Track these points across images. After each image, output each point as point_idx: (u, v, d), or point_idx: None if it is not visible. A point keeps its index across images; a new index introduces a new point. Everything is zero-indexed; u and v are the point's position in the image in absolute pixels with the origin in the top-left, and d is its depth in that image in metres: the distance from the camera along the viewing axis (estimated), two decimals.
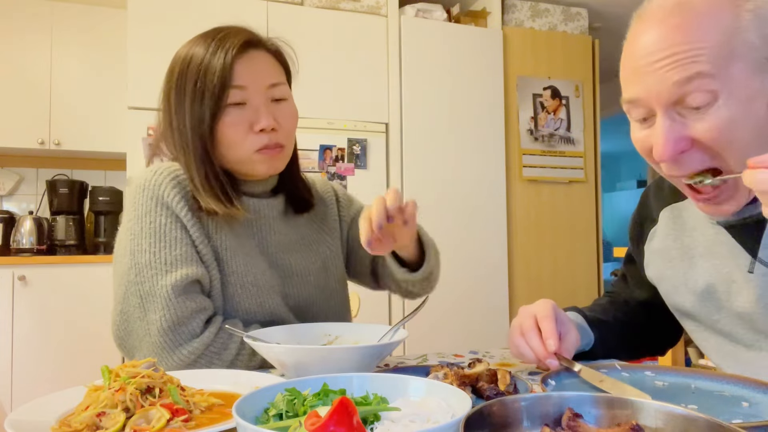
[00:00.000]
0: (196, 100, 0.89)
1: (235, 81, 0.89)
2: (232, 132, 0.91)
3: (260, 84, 0.92)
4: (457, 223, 3.24)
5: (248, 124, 0.91)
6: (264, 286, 0.95)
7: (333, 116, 3.03)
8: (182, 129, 0.92)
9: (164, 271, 0.86)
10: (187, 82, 0.90)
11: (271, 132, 0.92)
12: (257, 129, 0.91)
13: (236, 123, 0.91)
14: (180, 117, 0.92)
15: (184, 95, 0.91)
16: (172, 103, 0.93)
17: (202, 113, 0.89)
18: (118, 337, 0.92)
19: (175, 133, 0.93)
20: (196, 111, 0.90)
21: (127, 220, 0.92)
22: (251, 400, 0.51)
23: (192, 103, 0.90)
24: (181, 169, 0.94)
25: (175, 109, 0.93)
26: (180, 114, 0.92)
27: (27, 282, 2.80)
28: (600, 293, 3.64)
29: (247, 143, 0.91)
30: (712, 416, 0.43)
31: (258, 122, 0.91)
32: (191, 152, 0.91)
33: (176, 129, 0.93)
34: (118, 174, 3.50)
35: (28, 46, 3.12)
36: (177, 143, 0.93)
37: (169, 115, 0.94)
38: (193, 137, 0.91)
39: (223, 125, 0.90)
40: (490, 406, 0.47)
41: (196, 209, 0.92)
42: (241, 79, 0.90)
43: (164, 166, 0.94)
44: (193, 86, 0.89)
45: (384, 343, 0.72)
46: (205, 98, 0.89)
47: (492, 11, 3.50)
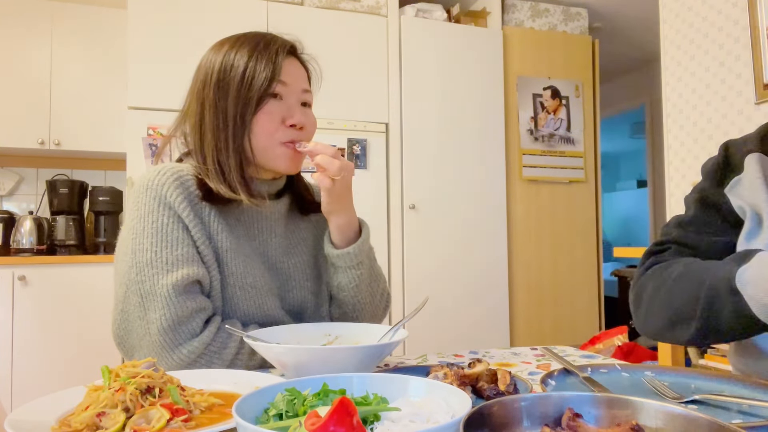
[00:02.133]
0: (243, 87, 0.93)
1: (281, 76, 0.95)
2: (267, 120, 0.94)
3: (298, 85, 0.98)
4: (457, 223, 3.25)
5: (281, 117, 0.95)
6: (262, 289, 0.96)
7: (333, 116, 3.04)
8: (222, 113, 0.94)
9: (165, 270, 0.86)
10: (233, 72, 0.94)
11: (299, 130, 0.97)
12: (289, 123, 0.95)
13: (272, 112, 0.95)
14: (221, 104, 0.94)
15: (229, 85, 0.94)
16: (210, 94, 0.95)
17: (248, 98, 0.93)
18: (117, 336, 0.92)
19: (212, 119, 0.94)
20: (242, 97, 0.93)
21: (130, 219, 0.92)
22: (251, 400, 0.51)
23: (238, 91, 0.93)
24: (185, 169, 0.95)
25: (214, 100, 0.94)
26: (222, 102, 0.94)
27: (27, 282, 2.80)
28: (600, 293, 3.64)
29: (277, 134, 0.95)
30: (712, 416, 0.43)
31: (291, 117, 0.95)
32: (230, 135, 0.93)
33: (213, 116, 0.94)
34: (118, 174, 3.50)
35: (28, 46, 3.12)
36: (211, 129, 0.94)
37: (202, 105, 0.96)
38: (235, 122, 0.93)
39: (261, 113, 0.94)
40: (490, 406, 0.47)
41: (199, 210, 0.93)
42: (285, 76, 0.96)
43: (167, 167, 0.94)
44: (242, 75, 0.93)
45: (384, 343, 0.72)
46: (253, 86, 0.93)
47: (492, 11, 3.50)
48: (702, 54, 2.58)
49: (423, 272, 3.15)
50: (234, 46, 0.97)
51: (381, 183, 3.13)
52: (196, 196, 0.93)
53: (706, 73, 2.56)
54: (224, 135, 0.93)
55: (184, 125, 1.00)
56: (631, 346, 2.94)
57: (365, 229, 1.03)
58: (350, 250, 0.99)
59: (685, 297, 0.81)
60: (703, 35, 2.57)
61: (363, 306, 1.05)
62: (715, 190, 0.92)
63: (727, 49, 2.45)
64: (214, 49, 0.99)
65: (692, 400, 0.63)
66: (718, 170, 0.93)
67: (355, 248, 0.99)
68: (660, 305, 0.86)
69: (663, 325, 0.86)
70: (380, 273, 1.10)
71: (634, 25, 4.05)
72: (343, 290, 1.03)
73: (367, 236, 1.02)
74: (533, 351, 0.98)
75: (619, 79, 5.40)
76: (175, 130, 1.02)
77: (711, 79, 2.53)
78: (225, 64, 0.95)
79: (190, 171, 0.95)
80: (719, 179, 0.92)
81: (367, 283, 1.04)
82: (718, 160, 0.94)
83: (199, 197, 0.93)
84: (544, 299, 3.46)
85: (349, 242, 1.01)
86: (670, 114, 2.75)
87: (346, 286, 1.02)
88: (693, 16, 2.62)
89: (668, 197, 2.76)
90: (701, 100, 2.58)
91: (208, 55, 0.99)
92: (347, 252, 0.99)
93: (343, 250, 1.00)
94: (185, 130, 1.00)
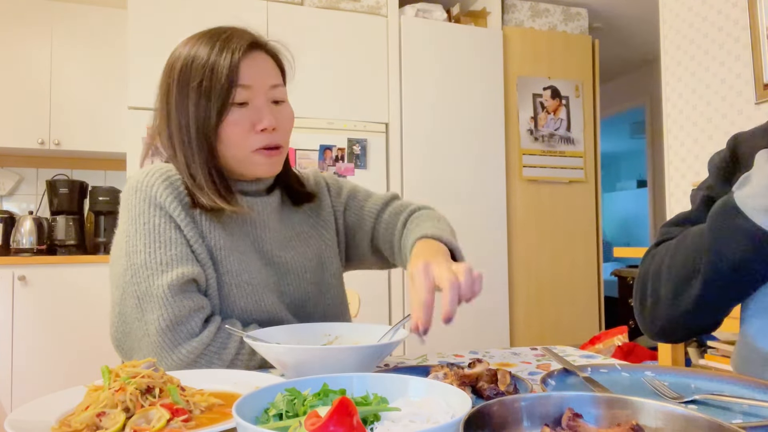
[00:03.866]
0: (201, 97, 0.90)
1: (241, 80, 0.90)
2: (234, 131, 0.91)
3: (263, 84, 0.93)
4: (457, 223, 3.22)
5: (250, 124, 0.92)
6: (259, 285, 0.95)
7: (333, 116, 3.04)
8: (185, 127, 0.92)
9: (160, 271, 0.86)
10: (192, 79, 0.90)
11: (272, 132, 0.93)
12: (259, 128, 0.92)
13: (239, 122, 0.91)
14: (182, 115, 0.92)
15: (188, 93, 0.91)
16: (173, 100, 0.93)
17: (208, 111, 0.90)
18: (116, 339, 0.92)
19: (176, 130, 0.93)
20: (201, 109, 0.90)
21: (122, 222, 0.92)
22: (251, 400, 0.51)
23: (198, 101, 0.90)
24: (174, 169, 0.94)
25: (176, 107, 0.92)
26: (182, 112, 0.92)
27: (27, 282, 2.80)
28: (600, 293, 3.64)
29: (248, 142, 0.92)
30: (712, 416, 0.43)
31: (260, 122, 0.92)
32: (195, 150, 0.91)
33: (177, 127, 0.93)
34: (118, 174, 3.50)
35: (28, 46, 3.12)
36: (178, 141, 0.93)
37: (168, 112, 0.94)
38: (198, 135, 0.91)
39: (226, 124, 0.91)
40: (490, 406, 0.47)
41: (190, 209, 0.92)
42: (247, 79, 0.91)
43: (156, 168, 0.94)
44: (198, 84, 0.90)
45: (384, 343, 0.72)
46: (211, 96, 0.89)
47: (492, 11, 3.50)
48: (702, 54, 2.58)
49: None
50: (194, 47, 0.93)
51: (381, 183, 3.13)
52: (186, 195, 0.92)
53: (706, 73, 2.56)
54: (190, 151, 0.91)
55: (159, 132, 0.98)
56: (631, 346, 2.94)
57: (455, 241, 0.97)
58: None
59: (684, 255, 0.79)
60: (703, 35, 2.57)
61: None
62: (721, 189, 0.88)
63: (727, 49, 2.45)
64: (178, 48, 0.95)
65: (692, 400, 0.63)
66: (725, 166, 0.90)
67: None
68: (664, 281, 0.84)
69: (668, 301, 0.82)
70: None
71: (634, 25, 4.05)
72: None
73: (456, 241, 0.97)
74: (533, 351, 0.98)
75: (619, 79, 5.40)
76: (153, 136, 1.00)
77: (711, 79, 2.53)
78: (184, 69, 0.91)
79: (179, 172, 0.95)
80: (726, 176, 0.89)
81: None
82: (725, 155, 0.90)
83: (188, 200, 0.92)
84: (544, 299, 3.46)
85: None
86: (670, 114, 2.75)
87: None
88: (693, 16, 2.62)
89: (668, 197, 2.76)
90: (701, 100, 2.58)
91: (171, 56, 0.95)
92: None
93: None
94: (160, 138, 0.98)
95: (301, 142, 2.96)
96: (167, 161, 1.00)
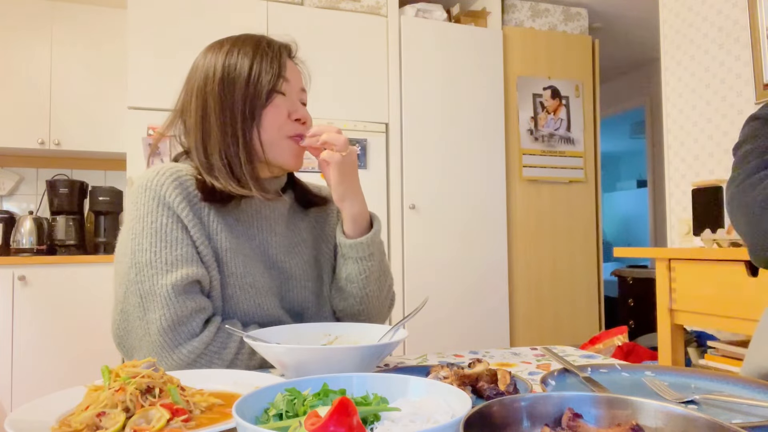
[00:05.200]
0: (251, 83, 0.95)
1: (285, 73, 0.98)
2: (275, 114, 0.96)
3: (298, 84, 1.02)
4: (457, 223, 3.24)
5: (287, 112, 0.98)
6: (262, 288, 0.96)
7: (333, 116, 3.04)
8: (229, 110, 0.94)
9: (165, 270, 0.86)
10: (239, 70, 0.95)
11: (303, 125, 0.99)
12: (294, 117, 0.98)
13: (280, 106, 0.97)
14: (227, 101, 0.94)
15: (235, 82, 0.95)
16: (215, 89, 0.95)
17: (258, 92, 0.95)
18: (117, 336, 0.92)
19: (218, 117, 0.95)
20: (251, 92, 0.94)
21: (129, 219, 0.92)
22: (251, 400, 0.51)
23: (246, 86, 0.94)
24: (184, 170, 0.95)
25: (220, 96, 0.95)
26: (228, 99, 0.94)
27: (27, 282, 2.80)
28: (600, 293, 3.64)
29: (284, 128, 0.97)
30: (712, 416, 0.43)
31: (296, 112, 0.99)
32: (239, 129, 0.94)
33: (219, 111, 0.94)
34: (118, 174, 3.50)
35: (28, 46, 3.12)
36: (218, 123, 0.94)
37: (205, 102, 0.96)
38: (244, 117, 0.94)
39: (271, 107, 0.96)
40: (490, 406, 0.47)
41: (198, 210, 0.93)
42: (289, 74, 0.99)
43: (166, 167, 0.94)
44: (248, 74, 0.95)
45: (384, 343, 0.72)
46: (260, 81, 0.95)
47: (492, 11, 3.50)
48: (702, 54, 2.58)
49: (423, 272, 3.15)
50: (235, 45, 0.98)
51: (381, 183, 3.13)
52: (195, 196, 0.93)
53: (706, 73, 2.56)
54: (232, 130, 0.94)
55: (179, 124, 1.00)
56: (631, 346, 2.94)
57: (377, 222, 1.04)
58: (363, 240, 1.00)
59: None
60: (703, 35, 2.57)
61: (370, 300, 1.05)
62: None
63: (727, 49, 2.45)
64: (213, 49, 0.99)
65: (692, 400, 0.63)
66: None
67: (367, 239, 1.00)
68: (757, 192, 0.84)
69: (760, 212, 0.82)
70: (389, 269, 1.10)
71: (634, 25, 4.05)
72: (352, 282, 1.03)
73: (378, 228, 1.03)
74: (533, 351, 0.98)
75: (619, 79, 5.40)
76: (167, 128, 1.02)
77: (711, 79, 2.53)
78: (229, 62, 0.96)
79: (189, 171, 0.95)
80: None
81: (376, 276, 1.04)
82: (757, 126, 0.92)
83: (198, 198, 0.93)
84: (544, 299, 3.46)
85: (362, 233, 1.02)
86: (670, 114, 2.75)
87: (356, 278, 1.02)
88: (693, 16, 2.62)
89: (668, 197, 2.76)
90: (701, 100, 2.58)
91: (207, 55, 0.99)
92: (360, 242, 1.00)
93: (355, 239, 1.00)
94: (180, 130, 1.00)
95: None
96: (175, 160, 1.01)
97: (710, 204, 2.03)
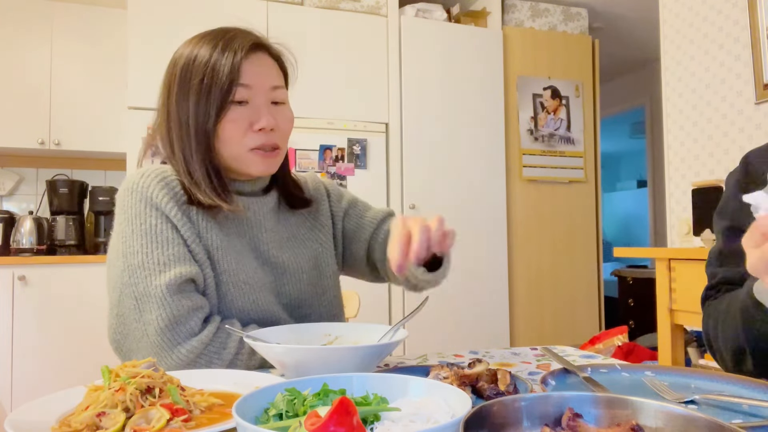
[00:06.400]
0: (202, 95, 0.91)
1: (242, 79, 0.91)
2: (232, 128, 0.92)
3: (264, 85, 0.94)
4: (457, 223, 3.24)
5: (248, 123, 0.93)
6: (256, 285, 0.95)
7: (333, 116, 3.04)
8: (185, 124, 0.92)
9: (158, 271, 0.86)
10: (193, 77, 0.91)
11: (269, 132, 0.94)
12: (257, 128, 0.93)
13: (237, 120, 0.92)
14: (182, 112, 0.92)
15: (188, 91, 0.92)
16: (173, 98, 0.93)
17: (207, 108, 0.91)
18: (114, 341, 0.92)
19: (176, 128, 0.94)
20: (201, 106, 0.91)
21: (118, 223, 0.92)
22: (251, 400, 0.51)
23: (198, 99, 0.91)
24: (170, 170, 0.94)
25: (177, 105, 0.93)
26: (182, 109, 0.92)
27: (27, 282, 2.80)
28: (600, 293, 3.64)
29: (245, 141, 0.93)
30: (712, 416, 0.43)
31: (258, 121, 0.93)
32: (193, 147, 0.92)
33: (177, 124, 0.93)
34: (118, 174, 3.50)
35: (28, 46, 3.12)
36: (177, 138, 0.94)
37: (168, 110, 0.95)
38: (197, 133, 0.92)
39: (225, 122, 0.92)
40: (490, 406, 0.47)
41: (186, 209, 0.92)
42: (248, 79, 0.92)
43: (152, 169, 0.94)
44: (200, 82, 0.91)
45: (384, 343, 0.72)
46: (211, 94, 0.90)
47: (492, 11, 3.50)
48: (702, 54, 2.58)
49: None
50: (197, 46, 0.94)
51: (381, 183, 3.13)
52: (182, 196, 0.92)
53: (706, 73, 2.56)
54: (189, 148, 0.92)
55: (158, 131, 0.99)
56: (631, 346, 2.94)
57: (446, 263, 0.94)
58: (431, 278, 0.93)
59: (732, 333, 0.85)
60: (703, 35, 2.57)
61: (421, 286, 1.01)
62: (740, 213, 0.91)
63: (727, 49, 2.45)
64: (181, 48, 0.96)
65: (692, 400, 0.63)
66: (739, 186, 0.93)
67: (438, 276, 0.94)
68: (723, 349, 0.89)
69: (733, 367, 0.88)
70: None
71: (634, 25, 4.05)
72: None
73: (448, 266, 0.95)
74: (533, 351, 0.98)
75: (619, 79, 5.40)
76: (153, 136, 1.01)
77: (711, 79, 2.53)
78: (186, 67, 0.93)
79: (174, 173, 0.95)
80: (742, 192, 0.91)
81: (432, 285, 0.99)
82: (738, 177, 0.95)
83: (185, 198, 0.92)
84: (544, 299, 3.46)
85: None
86: (670, 114, 2.75)
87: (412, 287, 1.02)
88: (693, 16, 2.62)
89: (668, 197, 2.76)
90: (701, 100, 2.58)
91: (174, 55, 0.96)
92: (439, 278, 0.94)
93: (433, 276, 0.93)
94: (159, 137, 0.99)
95: (301, 142, 2.96)
96: (164, 162, 1.00)
97: (710, 204, 2.03)
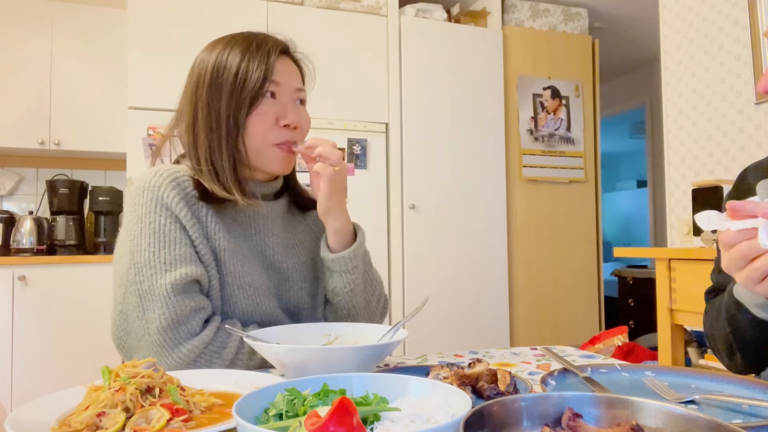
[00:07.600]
0: (236, 89, 0.93)
1: (273, 76, 0.95)
2: (260, 121, 0.95)
3: (291, 84, 0.99)
4: (457, 223, 3.24)
5: (275, 118, 0.96)
6: (260, 288, 0.97)
7: (333, 116, 3.03)
8: (215, 117, 0.94)
9: (163, 270, 0.87)
10: (227, 75, 0.94)
11: (293, 130, 0.97)
12: (282, 123, 0.96)
13: (266, 114, 0.95)
14: (214, 106, 0.94)
15: (221, 88, 0.94)
16: (203, 95, 0.95)
17: (241, 100, 0.93)
18: (117, 337, 0.93)
19: (204, 121, 0.95)
20: (234, 100, 0.93)
21: (128, 221, 0.93)
22: (251, 400, 0.51)
23: (231, 93, 0.93)
24: (182, 170, 0.95)
25: (208, 100, 0.95)
26: (215, 104, 0.94)
27: (27, 282, 2.80)
28: (600, 293, 3.64)
29: (270, 135, 0.96)
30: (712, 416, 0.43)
31: (285, 117, 0.96)
32: (223, 137, 0.94)
33: (206, 118, 0.95)
34: (118, 174, 3.50)
35: (28, 46, 3.12)
36: (205, 129, 0.95)
37: (196, 107, 0.96)
38: (228, 123, 0.94)
39: (254, 114, 0.95)
40: (490, 406, 0.47)
41: (196, 209, 0.93)
42: (278, 76, 0.96)
43: (164, 168, 0.95)
44: (234, 78, 0.94)
45: (384, 343, 0.72)
46: (245, 89, 0.93)
47: (492, 11, 3.50)
48: (702, 54, 2.57)
49: (423, 272, 3.15)
50: (227, 46, 0.97)
51: (381, 183, 3.13)
52: (192, 196, 0.93)
53: (706, 73, 2.56)
54: (217, 136, 0.94)
55: (179, 126, 1.01)
56: (631, 346, 2.94)
57: (360, 234, 1.03)
58: (345, 254, 0.99)
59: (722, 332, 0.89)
60: (703, 35, 2.57)
61: (358, 311, 1.05)
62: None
63: (727, 49, 2.45)
64: (207, 50, 0.99)
65: (692, 400, 0.63)
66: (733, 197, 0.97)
67: (350, 252, 0.99)
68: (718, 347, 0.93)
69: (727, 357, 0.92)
70: (376, 278, 1.10)
71: (634, 25, 4.05)
72: (338, 294, 1.03)
73: (362, 241, 1.02)
74: (533, 351, 0.98)
75: (619, 79, 5.40)
76: (171, 129, 1.02)
77: (711, 79, 2.53)
78: (217, 64, 0.95)
79: (187, 172, 0.96)
80: None
81: (361, 288, 1.04)
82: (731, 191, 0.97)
83: (195, 197, 0.93)
84: (544, 299, 3.46)
85: (345, 246, 1.01)
86: (670, 114, 2.75)
87: (341, 290, 1.02)
88: (693, 16, 2.62)
89: (668, 197, 2.76)
90: (701, 100, 2.58)
91: (201, 56, 0.99)
92: (342, 256, 0.99)
93: (338, 254, 1.00)
94: (180, 131, 1.01)
95: None
96: (176, 162, 1.01)
97: (710, 204, 2.03)
